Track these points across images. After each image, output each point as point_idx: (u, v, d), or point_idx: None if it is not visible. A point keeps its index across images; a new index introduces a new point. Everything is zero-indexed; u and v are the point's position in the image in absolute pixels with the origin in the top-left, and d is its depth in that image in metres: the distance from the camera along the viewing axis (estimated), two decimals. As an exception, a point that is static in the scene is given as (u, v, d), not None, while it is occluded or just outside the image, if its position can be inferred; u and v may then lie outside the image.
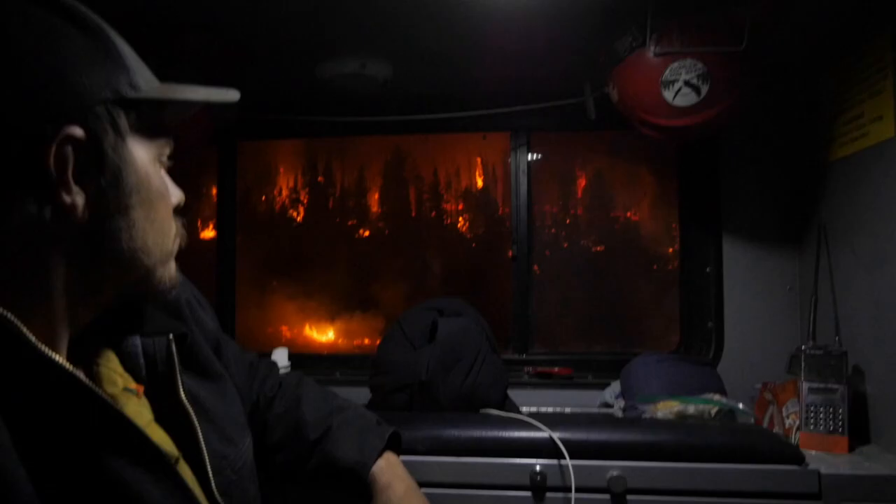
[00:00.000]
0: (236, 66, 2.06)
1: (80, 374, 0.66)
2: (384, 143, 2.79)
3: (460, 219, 2.85)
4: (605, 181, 2.67)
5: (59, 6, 0.68)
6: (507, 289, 2.48)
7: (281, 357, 2.12)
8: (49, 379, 0.63)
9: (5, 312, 0.60)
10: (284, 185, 2.90)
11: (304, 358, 2.42)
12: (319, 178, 2.88)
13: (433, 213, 2.84)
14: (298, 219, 2.91)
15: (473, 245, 2.83)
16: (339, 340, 2.81)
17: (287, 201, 2.90)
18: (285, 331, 2.86)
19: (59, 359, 0.63)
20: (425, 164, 2.82)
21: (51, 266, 0.67)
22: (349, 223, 2.89)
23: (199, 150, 2.39)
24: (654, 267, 2.61)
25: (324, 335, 2.83)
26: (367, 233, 2.89)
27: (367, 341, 2.78)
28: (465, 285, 2.77)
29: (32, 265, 0.66)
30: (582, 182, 2.69)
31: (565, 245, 2.68)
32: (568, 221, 2.68)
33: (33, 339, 0.62)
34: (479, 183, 2.82)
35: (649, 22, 1.60)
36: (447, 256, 2.82)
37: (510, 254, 2.42)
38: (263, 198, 2.89)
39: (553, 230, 2.69)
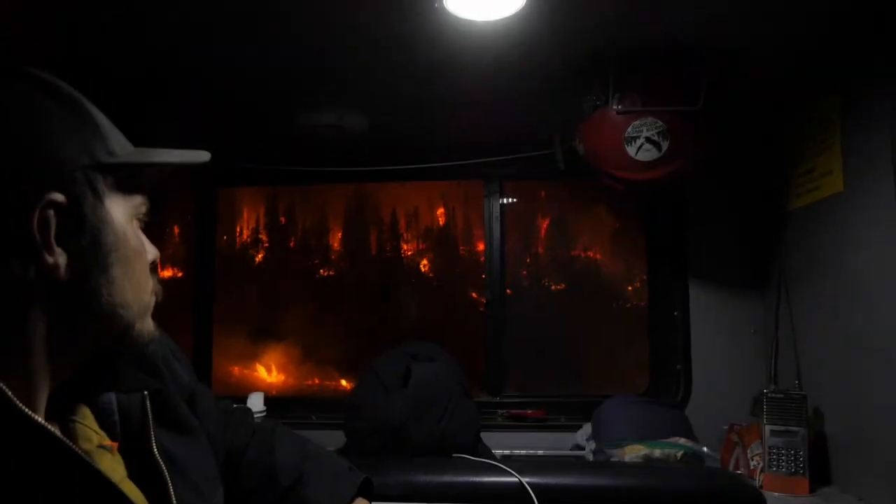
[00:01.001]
0: (218, 118, 2.11)
1: (58, 432, 0.68)
2: (346, 186, 2.84)
3: (424, 260, 2.90)
4: (568, 225, 2.75)
5: (38, 81, 0.73)
6: (469, 327, 2.54)
7: (257, 401, 2.14)
8: (27, 436, 0.65)
9: None
10: (247, 226, 2.92)
11: (280, 401, 2.43)
12: (281, 220, 2.92)
13: (391, 253, 2.89)
14: (258, 258, 2.94)
15: (434, 284, 2.88)
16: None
17: (248, 241, 2.92)
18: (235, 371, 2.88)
19: (38, 417, 0.66)
20: (386, 205, 2.87)
21: (31, 323, 0.70)
22: (312, 262, 2.92)
23: (177, 198, 2.43)
24: (615, 305, 2.68)
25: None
26: (327, 273, 2.92)
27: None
28: (430, 324, 2.81)
29: (13, 323, 0.69)
30: (545, 224, 2.76)
31: (525, 284, 2.73)
32: (528, 260, 2.73)
33: (12, 396, 0.64)
34: (441, 222, 2.89)
35: (612, 82, 1.69)
36: (408, 294, 2.86)
37: (474, 296, 2.46)
38: (224, 238, 2.90)
39: (524, 272, 2.75)
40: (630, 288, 2.64)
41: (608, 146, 1.77)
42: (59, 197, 0.68)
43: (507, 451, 2.14)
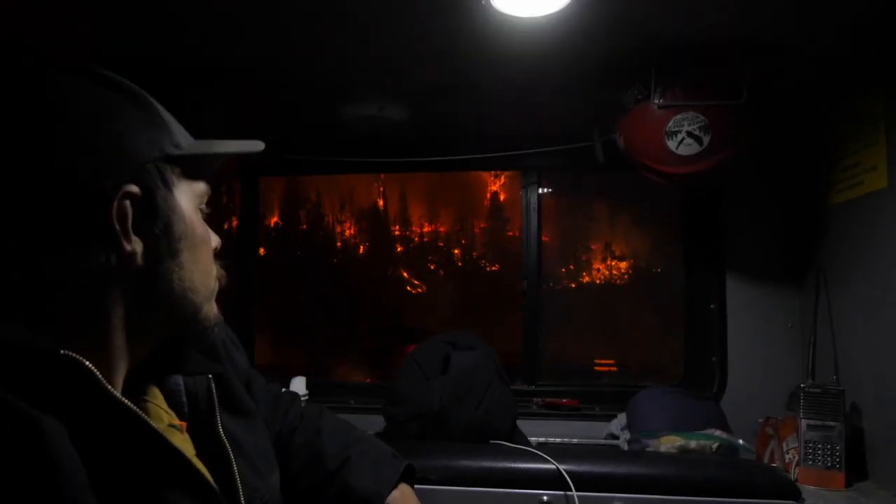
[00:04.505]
0: (260, 108, 2.16)
1: (141, 413, 0.74)
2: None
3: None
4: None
5: (112, 83, 0.79)
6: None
7: (299, 385, 2.20)
8: (109, 413, 0.71)
9: (76, 356, 0.69)
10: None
11: (321, 386, 2.49)
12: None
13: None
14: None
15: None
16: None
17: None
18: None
19: (123, 398, 0.72)
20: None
21: (112, 307, 0.75)
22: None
23: (223, 185, 2.50)
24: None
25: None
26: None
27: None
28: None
29: (97, 307, 0.74)
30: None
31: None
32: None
33: (98, 374, 0.69)
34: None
35: (653, 76, 1.70)
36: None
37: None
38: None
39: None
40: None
41: (649, 140, 1.78)
42: (134, 189, 0.74)
43: (542, 439, 2.17)
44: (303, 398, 2.11)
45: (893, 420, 1.64)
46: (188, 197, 0.83)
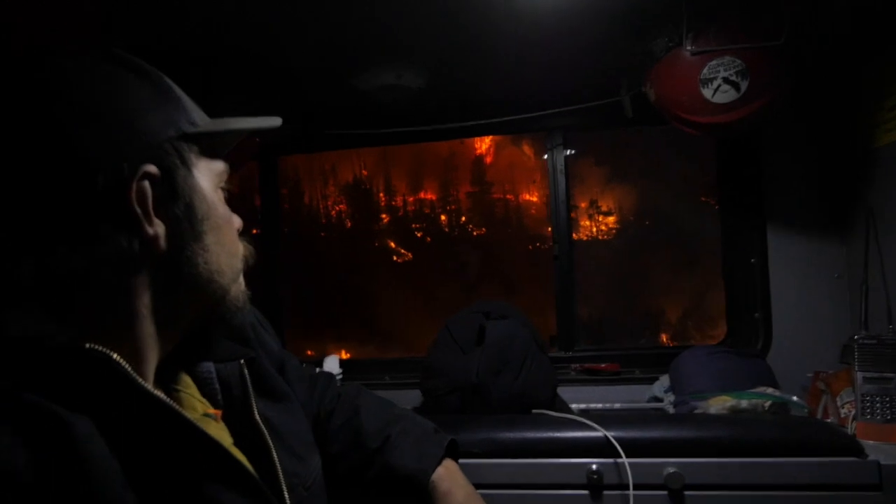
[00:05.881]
0: (276, 86, 2.10)
1: (172, 403, 0.71)
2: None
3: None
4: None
5: (124, 61, 0.76)
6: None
7: (333, 364, 2.18)
8: (141, 406, 0.68)
9: (103, 349, 0.66)
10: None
11: (355, 363, 2.47)
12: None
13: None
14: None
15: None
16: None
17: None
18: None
19: (151, 388, 0.69)
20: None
21: (138, 295, 0.72)
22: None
23: (243, 167, 2.46)
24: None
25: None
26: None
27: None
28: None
29: (121, 295, 0.71)
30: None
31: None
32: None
33: (127, 367, 0.67)
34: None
35: (685, 21, 1.61)
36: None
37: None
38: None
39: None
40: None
41: (682, 90, 1.69)
42: (152, 169, 0.71)
43: (582, 405, 2.13)
44: (337, 377, 2.10)
45: (956, 368, 1.56)
46: (208, 176, 0.80)
